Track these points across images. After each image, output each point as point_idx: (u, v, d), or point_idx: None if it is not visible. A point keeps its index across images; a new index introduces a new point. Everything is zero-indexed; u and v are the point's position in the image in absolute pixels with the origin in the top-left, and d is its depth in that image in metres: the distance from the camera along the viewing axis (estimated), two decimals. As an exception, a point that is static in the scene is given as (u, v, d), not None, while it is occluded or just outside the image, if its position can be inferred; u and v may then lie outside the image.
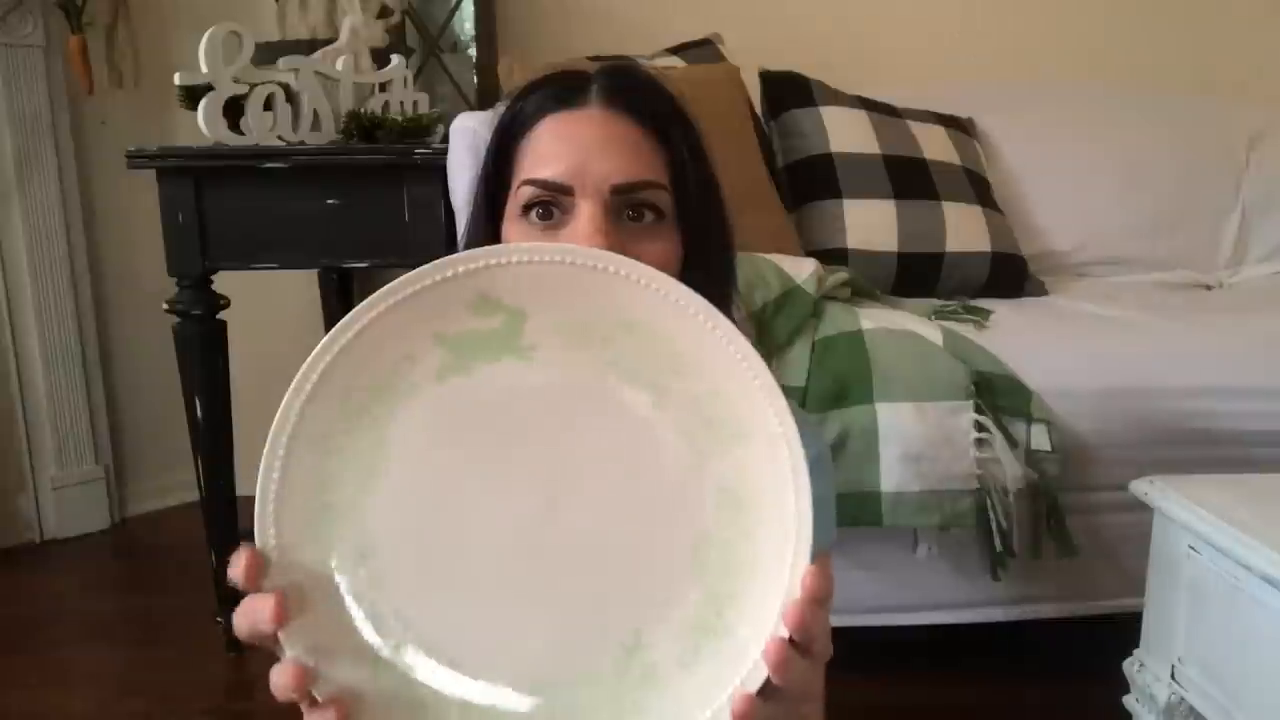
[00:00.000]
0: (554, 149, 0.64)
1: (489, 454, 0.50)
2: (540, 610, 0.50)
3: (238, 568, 0.47)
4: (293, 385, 0.49)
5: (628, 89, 0.66)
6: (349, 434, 0.50)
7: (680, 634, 0.49)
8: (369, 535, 0.50)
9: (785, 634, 0.46)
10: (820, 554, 0.69)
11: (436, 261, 0.50)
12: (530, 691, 0.49)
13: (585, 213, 0.61)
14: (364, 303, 0.49)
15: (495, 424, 0.50)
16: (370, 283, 2.21)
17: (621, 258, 0.50)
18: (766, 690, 0.46)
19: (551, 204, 0.63)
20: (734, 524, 0.50)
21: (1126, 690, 1.22)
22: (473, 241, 0.69)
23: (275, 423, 0.49)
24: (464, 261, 0.50)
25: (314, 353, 0.49)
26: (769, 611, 0.47)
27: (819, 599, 0.46)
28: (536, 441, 0.50)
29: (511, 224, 0.65)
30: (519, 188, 0.64)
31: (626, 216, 0.63)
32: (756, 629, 0.47)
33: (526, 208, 0.64)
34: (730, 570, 0.49)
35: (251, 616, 0.46)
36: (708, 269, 0.67)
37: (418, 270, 0.49)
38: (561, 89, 0.66)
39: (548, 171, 0.63)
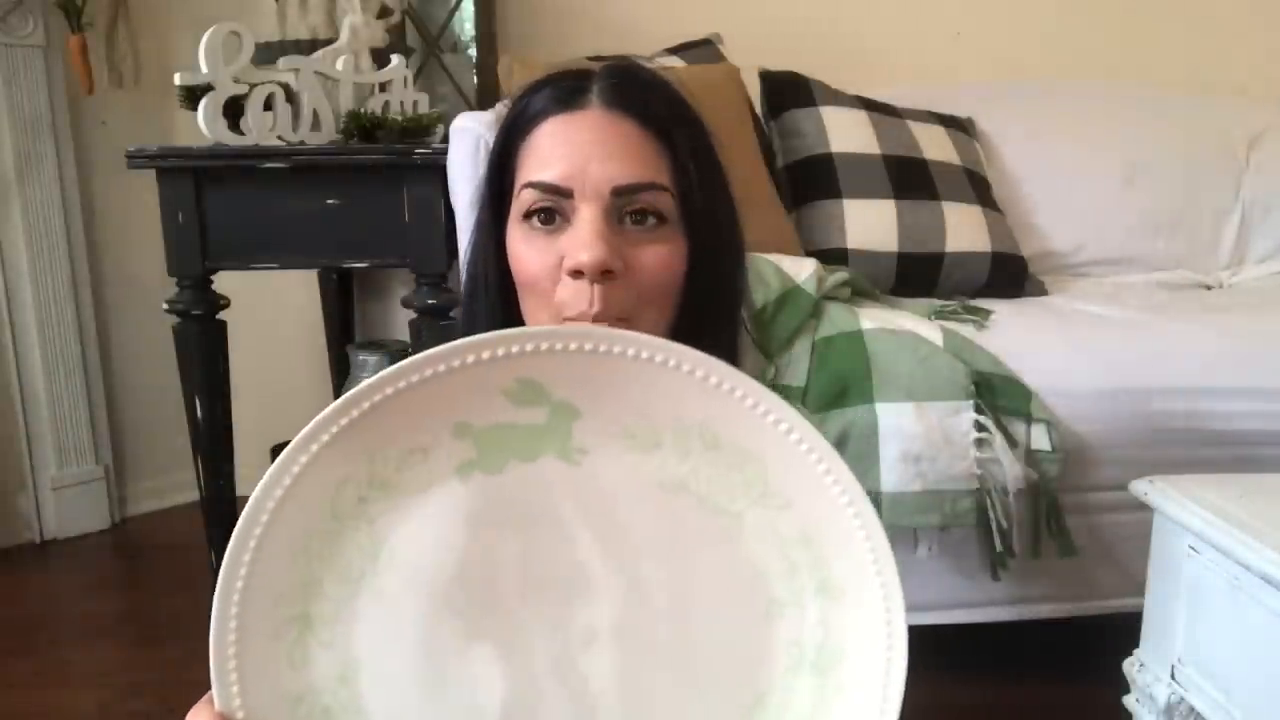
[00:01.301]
0: (554, 151, 0.62)
1: (514, 568, 0.42)
2: None
3: None
4: (270, 474, 0.41)
5: (629, 89, 0.65)
6: (337, 535, 0.42)
7: None
8: (353, 652, 0.42)
9: None
10: None
11: (468, 339, 0.41)
12: None
13: (585, 216, 0.60)
14: (369, 382, 0.41)
15: (526, 532, 0.42)
16: (370, 283, 2.21)
17: (721, 365, 0.42)
18: None
19: (553, 208, 0.62)
20: (803, 689, 0.42)
21: (1126, 690, 1.22)
22: (479, 248, 0.68)
23: (248, 511, 0.41)
24: (501, 342, 0.40)
25: (299, 438, 0.41)
26: None
27: None
28: (576, 562, 0.42)
29: (514, 228, 0.64)
30: (520, 191, 0.63)
31: (629, 219, 0.62)
32: None
33: (528, 213, 0.63)
34: None
35: None
36: (716, 274, 0.66)
37: (444, 347, 0.41)
38: (562, 90, 0.65)
39: (547, 174, 0.62)
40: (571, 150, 0.62)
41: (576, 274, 0.59)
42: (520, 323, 0.65)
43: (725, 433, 0.42)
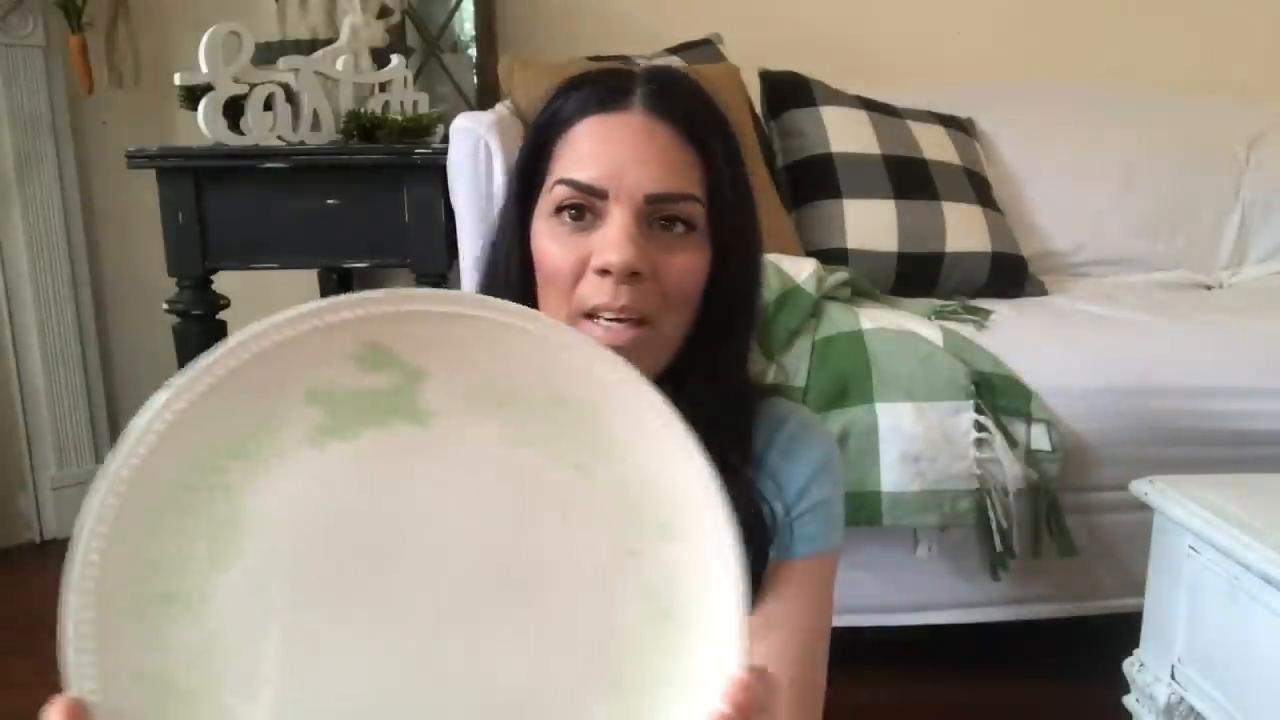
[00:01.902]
0: (592, 151, 0.62)
1: (373, 531, 0.42)
2: (430, 704, 0.43)
3: None
4: (119, 452, 0.40)
5: (672, 96, 0.64)
6: (194, 509, 0.41)
7: None
8: (217, 630, 0.41)
9: None
10: (808, 560, 0.67)
11: (311, 305, 0.41)
12: None
13: (617, 218, 0.61)
14: (217, 350, 0.40)
15: (382, 498, 0.43)
16: (370, 283, 2.21)
17: (559, 325, 0.43)
18: None
19: (584, 206, 0.62)
20: (655, 634, 0.43)
21: (1126, 690, 1.22)
22: (502, 240, 0.68)
23: (98, 491, 0.39)
24: (346, 306, 0.41)
25: (150, 409, 0.40)
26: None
27: (745, 715, 0.41)
28: (431, 524, 0.43)
29: (541, 221, 0.64)
30: (553, 186, 0.63)
31: (658, 225, 0.62)
32: None
33: (559, 208, 0.63)
34: (646, 683, 0.43)
35: None
36: (736, 288, 0.67)
37: (290, 312, 0.40)
38: (604, 90, 0.65)
39: (584, 173, 0.62)
40: (610, 152, 0.62)
41: (603, 273, 0.60)
42: None
43: (567, 390, 0.43)
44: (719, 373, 0.68)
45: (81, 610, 0.39)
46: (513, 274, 0.66)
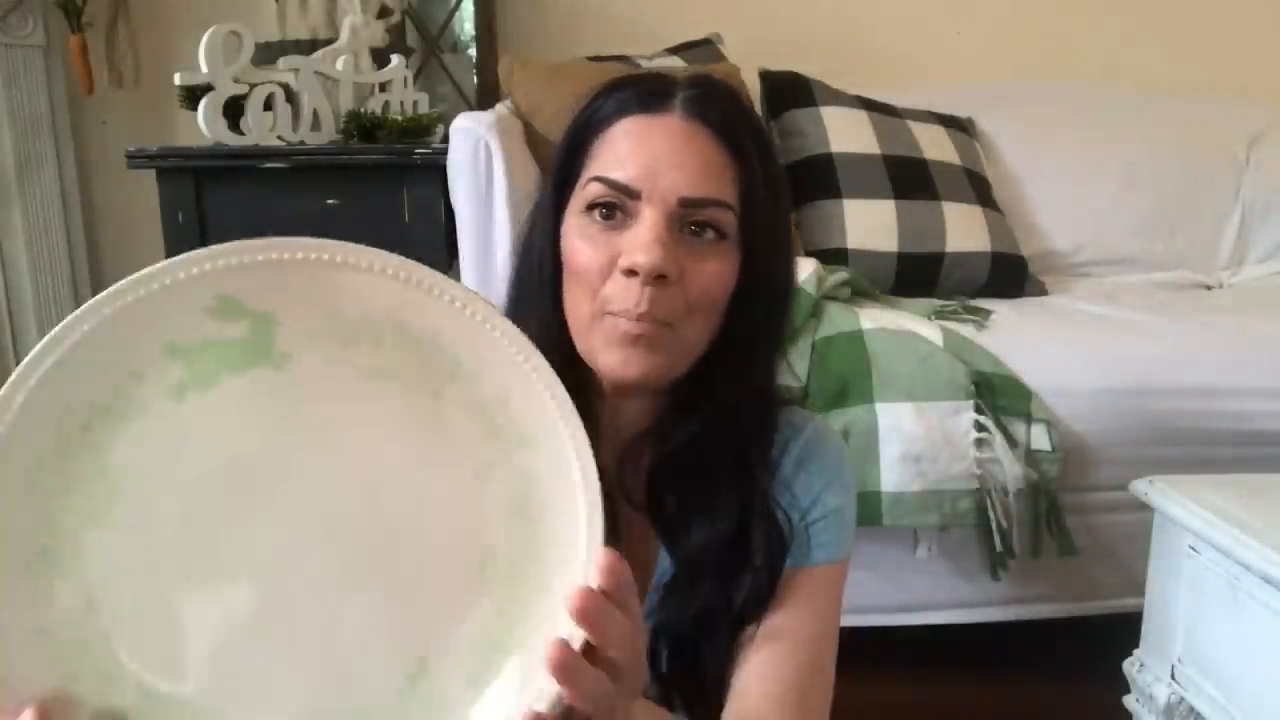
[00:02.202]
0: (628, 150, 0.62)
1: (244, 473, 0.44)
2: (312, 647, 0.45)
3: None
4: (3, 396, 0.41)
5: (712, 102, 0.64)
6: (63, 465, 0.42)
7: (469, 654, 0.46)
8: (98, 579, 0.43)
9: (567, 633, 0.43)
10: (819, 567, 0.69)
11: (161, 264, 0.42)
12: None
13: (648, 220, 0.60)
14: (75, 314, 0.42)
15: (251, 440, 0.44)
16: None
17: (392, 257, 0.45)
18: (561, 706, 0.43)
19: (616, 205, 0.62)
20: (518, 537, 0.46)
21: (1126, 690, 1.22)
22: (535, 232, 0.68)
23: None
24: (192, 262, 0.42)
25: (14, 375, 0.41)
26: (559, 626, 0.44)
27: (611, 592, 0.43)
28: (301, 459, 0.45)
29: (573, 218, 0.64)
30: (587, 183, 0.63)
31: (688, 230, 0.62)
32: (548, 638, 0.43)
33: (590, 206, 0.63)
34: (519, 585, 0.46)
35: None
36: (764, 300, 0.66)
37: (143, 272, 0.42)
38: (644, 91, 0.65)
39: (619, 172, 0.62)
40: (647, 152, 0.62)
41: (630, 273, 0.60)
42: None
43: (413, 320, 0.45)
44: (747, 380, 0.67)
45: None
46: (545, 270, 0.66)
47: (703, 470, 0.66)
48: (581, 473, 0.44)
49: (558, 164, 0.67)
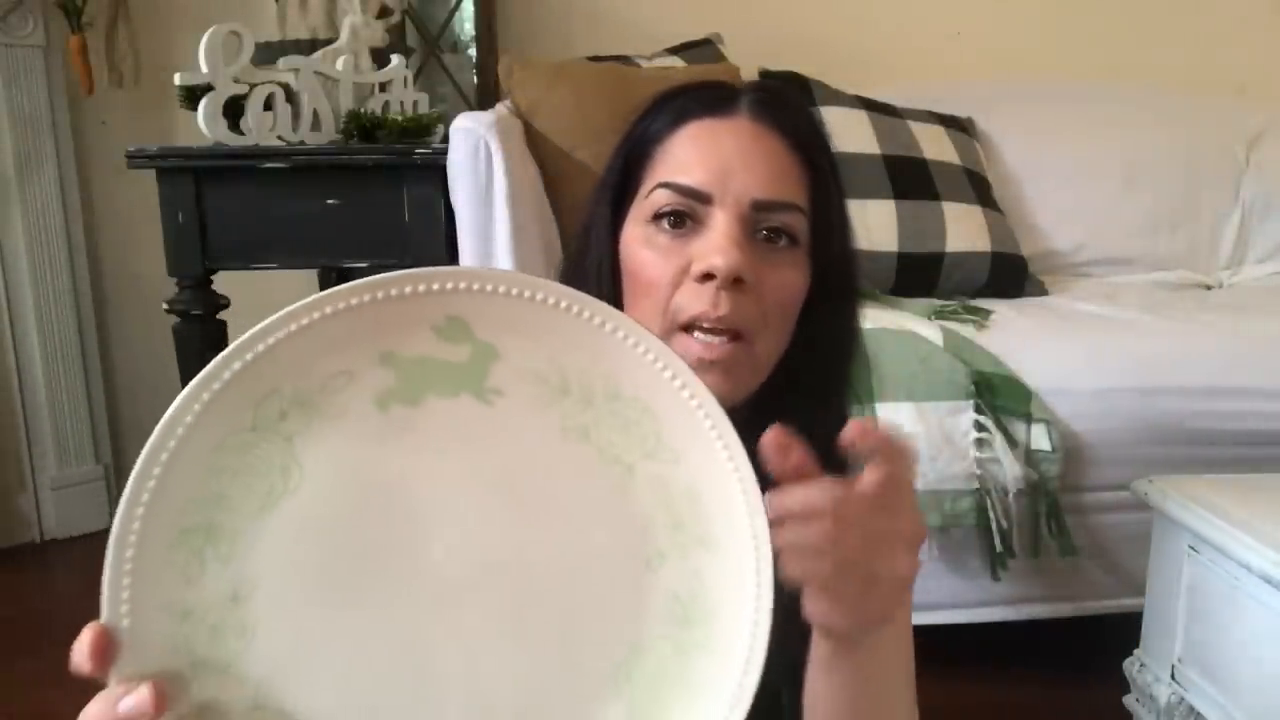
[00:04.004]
0: (696, 155, 0.60)
1: (417, 501, 0.43)
2: (440, 690, 0.43)
3: (81, 649, 0.40)
4: (198, 380, 0.40)
5: (780, 106, 0.62)
6: (252, 449, 0.42)
7: None
8: (250, 571, 0.42)
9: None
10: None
11: (405, 271, 0.42)
12: None
13: (721, 223, 0.58)
14: (308, 300, 0.41)
15: (432, 469, 0.43)
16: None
17: (625, 318, 0.43)
18: None
19: (685, 212, 0.59)
20: (674, 639, 0.44)
21: (1126, 690, 1.22)
22: (592, 251, 0.64)
23: (169, 414, 0.40)
24: (439, 277, 0.41)
25: (232, 347, 0.41)
26: None
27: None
28: (475, 499, 0.43)
29: (636, 228, 0.61)
30: (653, 191, 0.60)
31: (760, 236, 0.59)
32: None
33: (657, 215, 0.60)
34: (660, 691, 0.44)
35: (112, 714, 0.40)
36: (835, 310, 0.64)
37: (381, 276, 0.41)
38: (709, 95, 0.63)
39: (688, 177, 0.59)
40: (716, 155, 0.59)
41: (706, 278, 0.57)
42: None
43: (626, 386, 0.43)
44: (823, 397, 0.64)
45: (127, 534, 0.40)
46: (604, 291, 0.62)
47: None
48: (758, 586, 0.42)
49: (613, 180, 0.64)
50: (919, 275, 1.76)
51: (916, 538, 0.45)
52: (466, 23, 2.07)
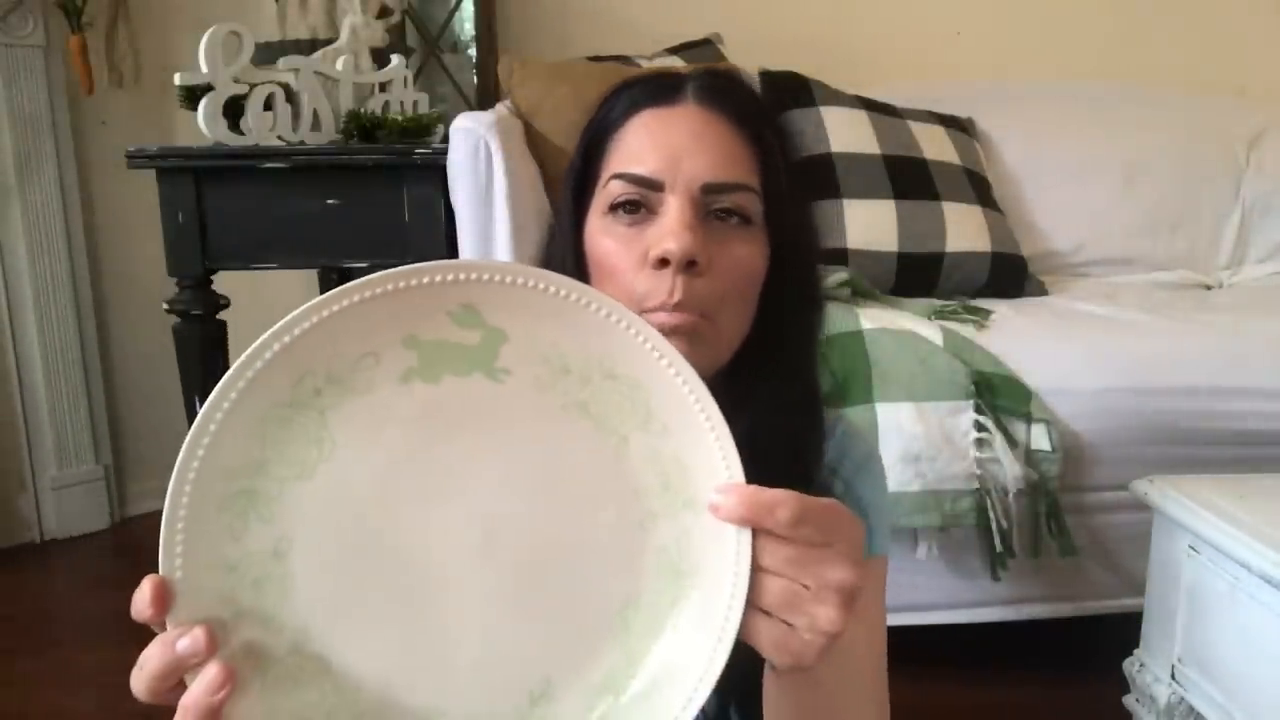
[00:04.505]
0: (646, 144, 0.62)
1: (436, 468, 0.48)
2: (457, 640, 0.48)
3: (142, 597, 0.45)
4: (243, 360, 0.45)
5: (724, 90, 0.64)
6: (290, 422, 0.47)
7: (589, 692, 0.48)
8: (289, 530, 0.47)
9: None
10: (875, 558, 0.69)
11: (424, 264, 0.47)
12: (426, 713, 0.48)
13: (674, 208, 0.60)
14: (339, 289, 0.46)
15: (449, 439, 0.48)
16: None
17: (622, 308, 0.48)
18: None
19: (640, 201, 0.61)
20: (666, 590, 0.49)
21: (1126, 690, 1.23)
22: (557, 242, 0.68)
23: (217, 391, 0.45)
24: (455, 269, 0.47)
25: (273, 330, 0.45)
26: (679, 687, 0.47)
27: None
28: (487, 467, 0.48)
29: (596, 218, 0.64)
30: (607, 183, 0.63)
31: (715, 218, 0.62)
32: (664, 699, 0.47)
33: (614, 205, 0.62)
34: (652, 637, 0.49)
35: (170, 653, 0.44)
36: (795, 284, 0.66)
37: (403, 268, 0.46)
38: (656, 86, 0.65)
39: (639, 167, 0.61)
40: (665, 143, 0.62)
41: (661, 263, 0.59)
42: None
43: (620, 365, 0.49)
44: (790, 369, 0.67)
45: (180, 497, 0.45)
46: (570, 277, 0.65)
47: (757, 469, 0.65)
48: (737, 544, 0.46)
49: (573, 172, 0.67)
50: (919, 275, 1.76)
51: (853, 547, 0.47)
52: (466, 23, 2.07)
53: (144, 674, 0.44)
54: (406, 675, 0.48)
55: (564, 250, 0.66)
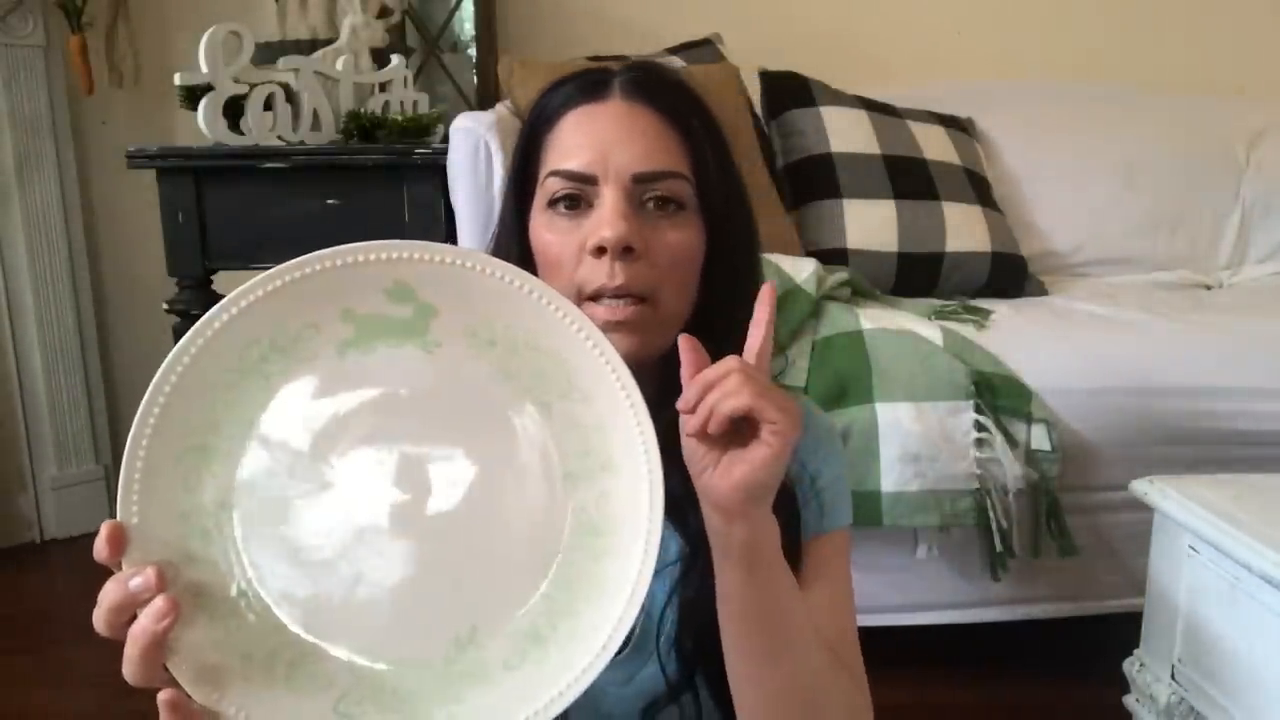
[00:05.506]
0: (577, 140, 0.65)
1: (370, 432, 0.52)
2: (388, 590, 0.52)
3: (100, 540, 0.49)
4: (195, 328, 0.50)
5: (649, 82, 0.67)
6: (238, 385, 0.51)
7: (513, 637, 0.52)
8: (234, 485, 0.51)
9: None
10: (838, 531, 0.73)
11: (362, 244, 0.51)
12: (360, 657, 0.51)
13: (609, 199, 0.63)
14: (283, 265, 0.50)
15: (382, 405, 0.52)
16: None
17: (545, 286, 0.52)
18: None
19: (577, 195, 0.64)
20: (585, 547, 0.52)
21: (1126, 690, 1.22)
22: (503, 238, 0.71)
23: (172, 354, 0.50)
24: (389, 249, 0.51)
25: (222, 302, 0.50)
26: (598, 634, 0.50)
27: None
28: (419, 430, 0.52)
29: (538, 215, 0.67)
30: (545, 180, 0.66)
31: (649, 205, 0.65)
32: (585, 645, 0.50)
33: (553, 200, 0.65)
34: (573, 588, 0.52)
35: (123, 590, 0.48)
36: (733, 263, 0.68)
37: (342, 247, 0.50)
38: (584, 83, 0.68)
39: (572, 162, 0.64)
40: (595, 138, 0.64)
41: (599, 252, 0.62)
42: None
43: (544, 340, 0.52)
44: (733, 346, 0.69)
45: (137, 449, 0.49)
46: None
47: None
48: (650, 506, 0.51)
49: (515, 170, 0.70)
50: (919, 275, 1.76)
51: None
52: (466, 23, 2.07)
53: (101, 610, 0.49)
54: (337, 620, 0.51)
55: (509, 246, 0.69)
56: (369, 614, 0.51)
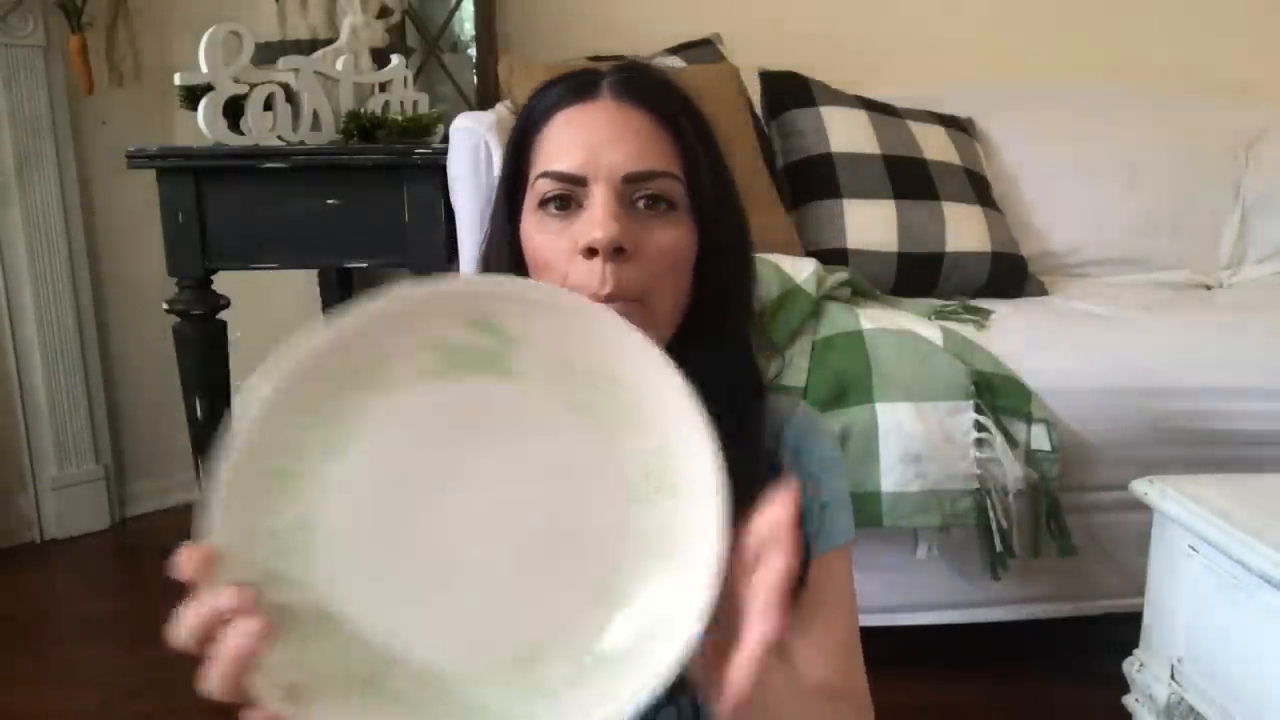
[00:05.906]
0: (567, 141, 0.65)
1: (450, 457, 0.53)
2: (456, 608, 0.53)
3: (187, 561, 0.48)
4: (283, 351, 0.50)
5: (638, 82, 0.67)
6: (326, 409, 0.52)
7: (574, 661, 0.53)
8: (317, 506, 0.52)
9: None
10: (838, 550, 0.72)
11: (450, 276, 0.53)
12: (425, 668, 0.53)
13: (599, 199, 0.63)
14: (376, 296, 0.51)
15: (461, 432, 0.53)
16: (370, 283, 2.21)
17: (615, 314, 0.53)
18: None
19: (567, 196, 0.64)
20: (649, 572, 0.53)
21: (1126, 690, 1.23)
22: (494, 239, 0.71)
23: (258, 375, 0.50)
24: (478, 284, 0.54)
25: (315, 328, 0.50)
26: (653, 659, 0.50)
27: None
28: (493, 456, 0.54)
29: (529, 217, 0.67)
30: (535, 181, 0.66)
31: (640, 205, 0.65)
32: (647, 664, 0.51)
33: (543, 201, 0.65)
34: (632, 609, 0.53)
35: (212, 610, 0.47)
36: (725, 262, 0.68)
37: (432, 281, 0.51)
38: (574, 84, 0.68)
39: (562, 164, 0.64)
40: (584, 139, 0.65)
41: (590, 253, 0.62)
42: None
43: (626, 374, 0.53)
44: (726, 346, 0.70)
45: (223, 472, 0.50)
46: (504, 271, 0.69)
47: None
48: (718, 536, 0.50)
49: (505, 172, 0.70)
50: (919, 275, 1.76)
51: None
52: (466, 23, 2.07)
53: (185, 628, 0.48)
54: (410, 637, 0.53)
55: (500, 248, 0.70)
56: (436, 634, 0.53)
